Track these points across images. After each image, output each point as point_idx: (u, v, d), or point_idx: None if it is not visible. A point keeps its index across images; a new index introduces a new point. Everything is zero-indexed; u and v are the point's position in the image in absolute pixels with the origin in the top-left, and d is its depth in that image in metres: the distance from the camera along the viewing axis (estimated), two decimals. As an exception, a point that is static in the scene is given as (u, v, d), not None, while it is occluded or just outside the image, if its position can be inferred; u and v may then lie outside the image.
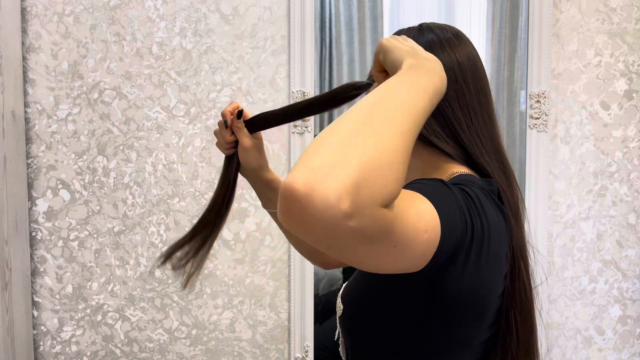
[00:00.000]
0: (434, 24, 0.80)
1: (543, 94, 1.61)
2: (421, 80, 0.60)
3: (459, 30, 0.79)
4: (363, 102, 0.55)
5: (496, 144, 0.76)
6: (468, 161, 0.74)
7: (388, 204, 0.51)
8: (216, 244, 1.62)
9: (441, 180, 0.65)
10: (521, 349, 0.73)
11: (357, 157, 0.48)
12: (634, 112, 1.68)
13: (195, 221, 1.58)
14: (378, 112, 0.53)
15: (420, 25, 0.80)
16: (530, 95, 1.61)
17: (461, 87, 0.74)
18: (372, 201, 0.48)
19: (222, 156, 1.57)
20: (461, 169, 0.73)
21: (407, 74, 0.60)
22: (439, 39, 0.76)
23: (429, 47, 0.75)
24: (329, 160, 0.48)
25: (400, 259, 0.56)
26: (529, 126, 1.62)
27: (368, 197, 0.48)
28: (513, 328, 0.73)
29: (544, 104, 1.61)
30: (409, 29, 0.80)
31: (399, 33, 0.81)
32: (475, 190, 0.66)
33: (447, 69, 0.71)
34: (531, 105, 1.62)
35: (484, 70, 0.77)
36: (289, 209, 0.48)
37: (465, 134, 0.73)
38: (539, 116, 1.62)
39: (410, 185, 0.62)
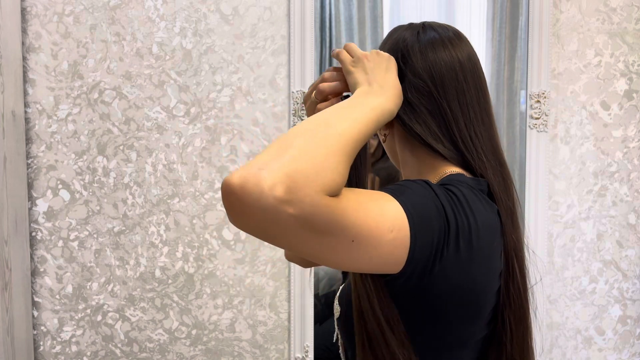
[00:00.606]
0: (436, 23, 0.80)
1: (543, 94, 1.61)
2: (370, 102, 0.65)
3: (459, 31, 0.80)
4: (310, 117, 0.60)
5: (494, 145, 0.75)
6: (463, 162, 0.74)
7: (331, 192, 0.53)
8: (216, 244, 1.62)
9: (425, 182, 0.65)
10: (516, 348, 0.74)
11: (291, 152, 0.53)
12: (634, 112, 1.68)
13: (195, 221, 1.58)
14: (320, 124, 0.58)
15: (423, 24, 0.80)
16: (530, 95, 1.61)
17: (462, 86, 0.74)
18: (309, 187, 0.51)
19: (222, 156, 1.57)
20: (454, 169, 0.74)
21: (357, 99, 0.66)
22: (440, 37, 0.76)
23: (431, 44, 0.75)
24: (265, 158, 0.52)
25: (363, 256, 0.58)
26: (529, 126, 1.62)
27: (303, 183, 0.51)
28: (507, 328, 0.73)
29: (544, 104, 1.61)
30: (413, 26, 0.80)
31: (398, 29, 0.81)
32: (462, 189, 0.67)
33: (449, 67, 0.73)
34: (531, 105, 1.61)
35: (482, 71, 0.78)
36: (228, 204, 0.51)
37: (462, 133, 0.73)
38: (539, 116, 1.61)
39: (390, 186, 0.64)
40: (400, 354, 0.65)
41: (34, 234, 1.60)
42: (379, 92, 0.67)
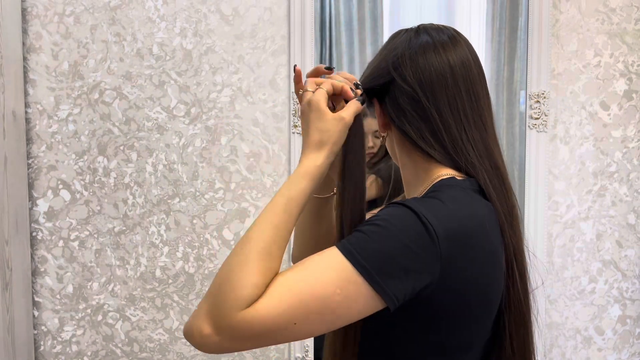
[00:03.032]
0: (432, 25, 0.80)
1: (543, 94, 1.61)
2: (298, 174, 0.70)
3: (456, 33, 0.79)
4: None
5: (489, 148, 0.75)
6: (455, 165, 0.74)
7: (249, 302, 0.59)
8: (216, 244, 1.62)
9: (406, 208, 0.65)
10: (517, 353, 0.73)
11: (215, 281, 0.63)
12: (633, 112, 1.68)
13: (195, 221, 1.59)
14: (242, 239, 0.67)
15: (418, 27, 0.80)
16: (530, 95, 1.62)
17: (452, 91, 0.74)
18: (226, 314, 0.59)
19: (222, 157, 1.57)
20: (447, 172, 0.74)
21: (295, 173, 0.71)
22: (433, 41, 0.76)
23: (422, 49, 0.75)
24: (202, 302, 0.64)
25: (329, 324, 0.62)
26: (529, 126, 1.62)
27: (219, 314, 0.59)
28: (507, 332, 0.73)
29: (543, 104, 1.62)
30: (407, 30, 0.80)
31: (396, 35, 0.81)
32: (451, 193, 0.69)
33: (438, 73, 0.74)
34: (531, 106, 1.62)
35: (479, 74, 0.77)
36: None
37: (452, 137, 0.73)
38: (538, 116, 1.62)
39: (360, 227, 0.65)
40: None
41: (34, 234, 1.60)
42: (312, 154, 0.71)
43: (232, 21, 1.60)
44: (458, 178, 0.73)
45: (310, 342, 1.63)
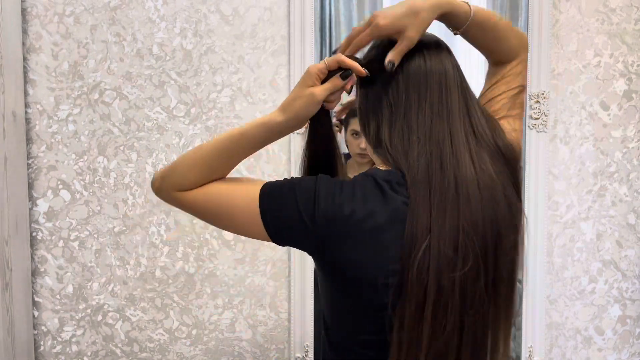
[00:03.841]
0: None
1: (542, 94, 1.61)
2: (261, 119, 0.84)
3: (430, 41, 0.83)
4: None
5: (434, 135, 0.77)
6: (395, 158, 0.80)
7: (179, 188, 0.84)
8: (216, 244, 1.62)
9: (318, 182, 0.79)
10: (404, 342, 0.74)
11: (173, 164, 0.86)
12: (633, 112, 1.68)
13: (195, 221, 1.58)
14: (201, 144, 0.86)
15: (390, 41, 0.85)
16: (529, 95, 1.62)
17: (395, 95, 0.81)
18: (166, 188, 0.86)
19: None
20: (380, 165, 0.82)
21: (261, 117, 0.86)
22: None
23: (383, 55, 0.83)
24: (163, 168, 0.88)
25: (228, 225, 0.84)
26: (529, 126, 1.62)
27: (163, 185, 0.86)
28: (398, 321, 0.74)
29: (543, 104, 1.62)
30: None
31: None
32: (361, 181, 0.78)
33: (385, 81, 0.82)
34: (531, 106, 1.62)
35: (430, 78, 0.80)
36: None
37: (387, 133, 0.81)
38: (538, 116, 1.62)
39: (288, 179, 0.82)
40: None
41: (34, 234, 1.60)
42: (278, 111, 0.83)
43: (232, 21, 1.60)
44: (381, 169, 0.80)
45: (310, 342, 1.63)
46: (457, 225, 0.73)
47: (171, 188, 0.85)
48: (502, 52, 0.89)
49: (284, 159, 1.61)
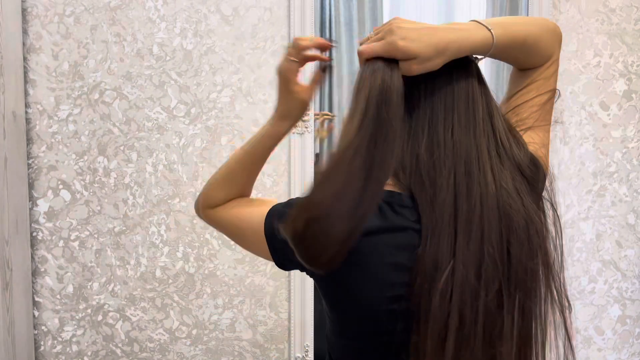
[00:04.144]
0: None
1: (542, 94, 1.61)
2: (261, 131, 0.87)
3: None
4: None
5: (422, 157, 0.70)
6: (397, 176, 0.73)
7: (210, 206, 0.89)
8: (216, 244, 1.62)
9: None
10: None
11: (207, 181, 0.91)
12: (633, 112, 1.68)
13: (195, 221, 1.59)
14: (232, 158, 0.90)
15: None
16: (529, 95, 1.62)
17: (388, 109, 0.69)
18: (201, 206, 0.90)
19: (222, 157, 1.57)
20: (389, 187, 0.73)
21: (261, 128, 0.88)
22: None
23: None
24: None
25: (245, 246, 0.86)
26: (529, 126, 1.62)
27: (199, 204, 0.91)
28: (415, 352, 0.68)
29: (543, 105, 1.62)
30: None
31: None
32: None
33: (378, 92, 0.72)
34: (531, 106, 1.62)
35: (458, 90, 0.72)
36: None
37: (398, 154, 0.72)
38: (538, 116, 1.62)
39: (291, 200, 0.80)
40: None
41: (34, 234, 1.60)
42: (270, 118, 0.86)
43: (232, 21, 1.60)
44: (392, 190, 0.72)
45: (310, 342, 1.63)
46: (481, 250, 0.67)
47: (204, 207, 0.89)
48: (534, 62, 0.80)
49: (284, 159, 1.61)
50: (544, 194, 0.76)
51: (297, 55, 0.80)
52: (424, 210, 0.68)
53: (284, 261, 0.79)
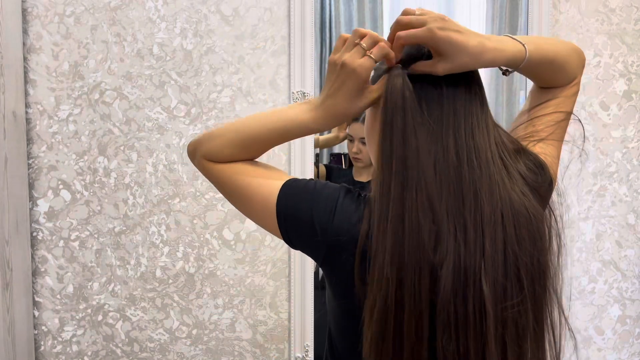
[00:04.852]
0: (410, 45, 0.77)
1: (542, 94, 1.61)
2: (292, 114, 0.80)
3: (418, 52, 0.76)
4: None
5: (452, 161, 0.71)
6: None
7: (210, 158, 0.83)
8: (216, 244, 1.62)
9: (342, 186, 0.78)
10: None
11: (210, 134, 0.83)
12: (633, 112, 1.68)
13: (195, 221, 1.59)
14: (244, 121, 0.82)
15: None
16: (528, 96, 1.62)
17: (384, 111, 0.72)
18: (198, 153, 0.84)
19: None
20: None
21: (292, 108, 0.81)
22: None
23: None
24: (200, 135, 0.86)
25: (246, 211, 0.83)
26: (529, 126, 1.62)
27: (197, 151, 0.84)
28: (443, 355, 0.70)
29: (543, 105, 1.62)
30: None
31: None
32: (346, 193, 0.76)
33: (389, 92, 0.74)
34: (531, 106, 1.62)
35: (406, 99, 0.72)
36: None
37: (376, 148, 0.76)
38: (538, 116, 1.62)
39: (310, 179, 0.80)
40: None
41: (34, 234, 1.60)
42: (311, 108, 0.78)
43: (232, 22, 1.60)
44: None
45: (310, 342, 1.63)
46: (506, 250, 0.70)
47: (203, 156, 0.84)
48: (559, 81, 0.83)
49: (284, 159, 1.62)
50: (550, 202, 0.81)
51: (379, 57, 0.73)
52: (451, 212, 0.70)
53: (293, 240, 0.79)
